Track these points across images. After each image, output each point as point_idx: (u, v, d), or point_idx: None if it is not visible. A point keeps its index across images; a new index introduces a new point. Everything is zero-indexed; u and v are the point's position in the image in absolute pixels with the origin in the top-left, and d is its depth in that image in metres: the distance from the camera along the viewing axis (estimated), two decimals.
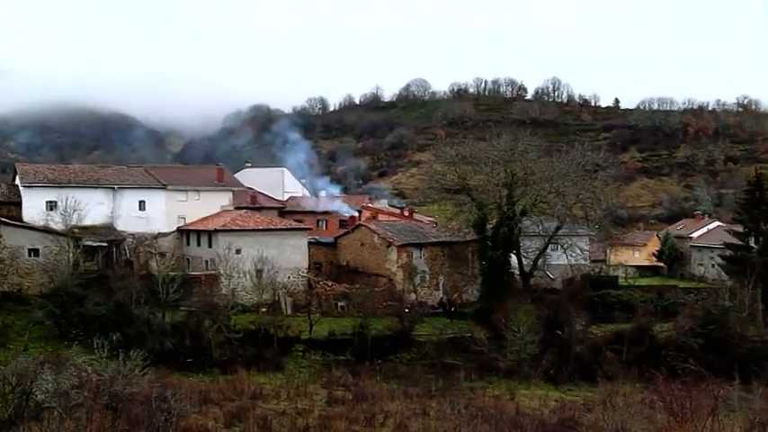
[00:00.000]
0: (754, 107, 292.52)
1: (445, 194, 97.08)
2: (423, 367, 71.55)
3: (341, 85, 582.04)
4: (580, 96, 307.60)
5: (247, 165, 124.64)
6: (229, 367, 66.15)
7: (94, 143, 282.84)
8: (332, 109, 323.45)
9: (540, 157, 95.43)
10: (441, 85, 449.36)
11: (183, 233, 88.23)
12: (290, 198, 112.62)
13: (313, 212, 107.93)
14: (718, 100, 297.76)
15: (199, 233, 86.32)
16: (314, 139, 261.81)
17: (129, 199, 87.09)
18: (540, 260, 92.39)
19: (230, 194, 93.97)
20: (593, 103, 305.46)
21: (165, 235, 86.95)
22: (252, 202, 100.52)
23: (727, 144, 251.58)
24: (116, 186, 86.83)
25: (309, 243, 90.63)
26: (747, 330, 79.16)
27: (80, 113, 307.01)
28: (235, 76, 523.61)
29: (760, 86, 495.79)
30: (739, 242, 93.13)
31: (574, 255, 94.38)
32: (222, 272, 78.08)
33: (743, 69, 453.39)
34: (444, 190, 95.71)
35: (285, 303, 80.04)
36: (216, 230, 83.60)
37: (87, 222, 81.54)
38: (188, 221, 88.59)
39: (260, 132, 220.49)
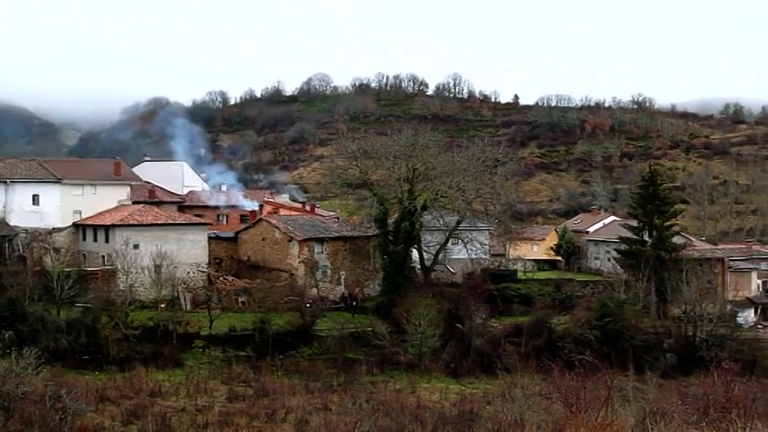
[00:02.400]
0: (648, 105, 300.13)
1: (347, 189, 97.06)
2: (324, 362, 71.59)
3: (242, 79, 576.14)
4: (480, 92, 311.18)
5: (146, 158, 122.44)
6: (127, 364, 65.22)
7: None
8: (232, 102, 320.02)
9: (441, 153, 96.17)
10: (342, 79, 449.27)
11: (79, 228, 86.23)
12: (189, 192, 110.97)
13: (213, 207, 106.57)
14: (615, 97, 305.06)
15: (95, 228, 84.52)
16: (214, 133, 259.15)
17: (22, 193, 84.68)
18: (441, 254, 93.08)
19: (128, 189, 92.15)
20: (493, 100, 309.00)
21: (60, 230, 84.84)
22: (150, 196, 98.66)
23: (622, 140, 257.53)
24: (8, 180, 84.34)
25: (209, 238, 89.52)
26: (641, 322, 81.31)
27: None
28: (135, 67, 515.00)
29: (654, 85, 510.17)
30: (634, 236, 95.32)
31: (474, 249, 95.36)
32: (120, 267, 76.67)
33: (638, 68, 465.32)
34: (346, 184, 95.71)
35: (185, 299, 78.95)
36: (113, 225, 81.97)
37: None
38: (84, 216, 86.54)
39: (145, 125, 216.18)
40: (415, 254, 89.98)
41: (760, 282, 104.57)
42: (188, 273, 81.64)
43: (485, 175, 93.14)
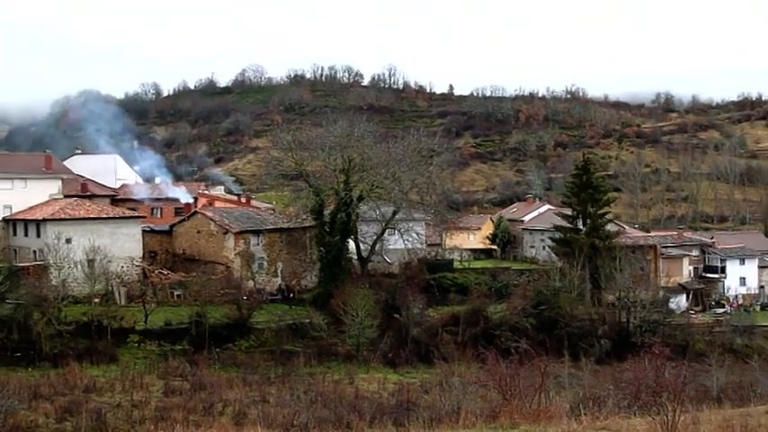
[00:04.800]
0: (581, 94, 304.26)
1: (282, 180, 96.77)
2: (262, 354, 71.24)
3: (175, 70, 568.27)
4: (416, 83, 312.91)
5: (77, 151, 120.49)
6: (61, 361, 64.10)
7: None
8: (166, 94, 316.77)
9: (377, 143, 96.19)
10: (277, 70, 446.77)
11: (9, 223, 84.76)
12: (122, 185, 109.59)
13: (147, 200, 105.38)
14: (548, 87, 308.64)
15: (26, 223, 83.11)
16: (148, 125, 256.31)
17: None
18: (378, 245, 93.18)
19: (59, 182, 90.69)
20: (428, 90, 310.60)
21: None
22: (82, 190, 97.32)
23: (556, 130, 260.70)
24: None
25: (144, 231, 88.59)
26: (576, 309, 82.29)
27: None
28: (67, 59, 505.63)
29: (587, 75, 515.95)
30: (568, 224, 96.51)
31: (410, 239, 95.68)
32: (52, 262, 75.37)
33: (571, 59, 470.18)
34: (282, 176, 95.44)
35: (119, 293, 78.04)
36: (44, 220, 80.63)
37: None
38: (14, 211, 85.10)
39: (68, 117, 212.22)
40: (351, 245, 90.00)
41: (691, 268, 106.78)
42: (122, 267, 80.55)
43: (420, 165, 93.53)
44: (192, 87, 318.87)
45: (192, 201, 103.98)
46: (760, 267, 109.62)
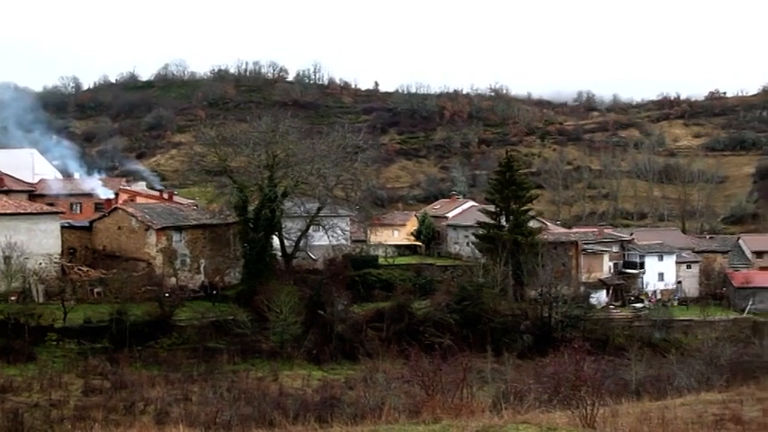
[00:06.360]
0: (505, 92, 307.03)
1: (206, 176, 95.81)
2: (184, 352, 70.54)
3: (95, 64, 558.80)
4: (341, 79, 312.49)
5: None
6: None
7: None
8: (86, 88, 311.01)
9: (302, 139, 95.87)
10: (201, 65, 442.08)
11: None
12: (40, 180, 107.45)
13: (67, 195, 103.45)
14: (472, 85, 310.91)
15: None
16: (67, 119, 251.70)
17: None
18: (303, 241, 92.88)
19: None
20: (353, 86, 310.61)
21: None
22: None
23: (480, 127, 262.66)
24: None
25: (63, 227, 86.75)
26: (499, 305, 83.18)
27: None
28: None
29: (510, 73, 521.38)
30: (491, 221, 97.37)
31: (335, 235, 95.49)
32: None
33: (495, 57, 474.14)
34: (205, 172, 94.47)
35: (37, 291, 76.38)
36: None
37: None
38: None
39: None
40: (276, 241, 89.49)
41: (611, 264, 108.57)
42: (40, 264, 78.77)
43: (345, 161, 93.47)
44: (113, 81, 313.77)
45: (112, 196, 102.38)
46: (677, 263, 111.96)
